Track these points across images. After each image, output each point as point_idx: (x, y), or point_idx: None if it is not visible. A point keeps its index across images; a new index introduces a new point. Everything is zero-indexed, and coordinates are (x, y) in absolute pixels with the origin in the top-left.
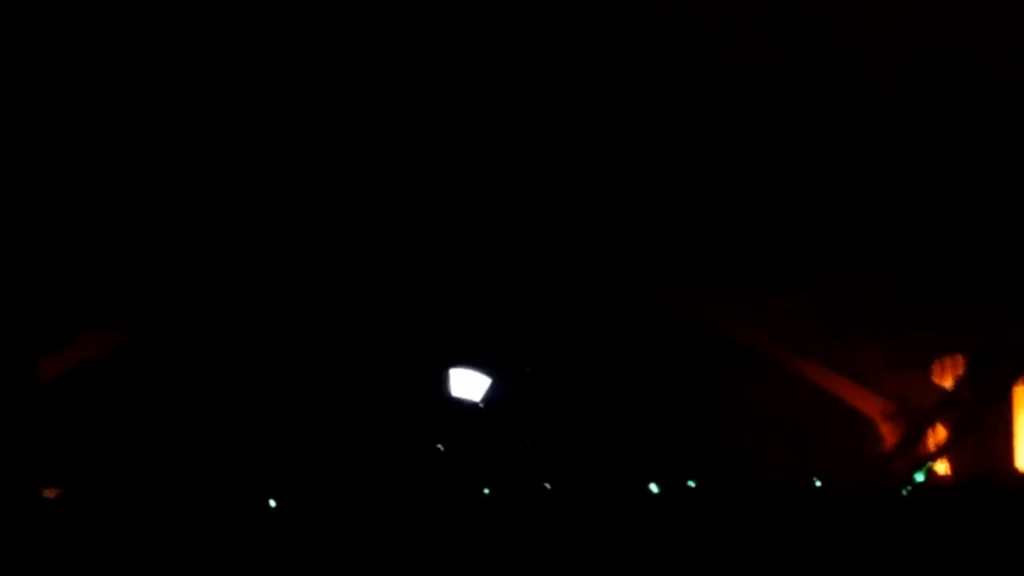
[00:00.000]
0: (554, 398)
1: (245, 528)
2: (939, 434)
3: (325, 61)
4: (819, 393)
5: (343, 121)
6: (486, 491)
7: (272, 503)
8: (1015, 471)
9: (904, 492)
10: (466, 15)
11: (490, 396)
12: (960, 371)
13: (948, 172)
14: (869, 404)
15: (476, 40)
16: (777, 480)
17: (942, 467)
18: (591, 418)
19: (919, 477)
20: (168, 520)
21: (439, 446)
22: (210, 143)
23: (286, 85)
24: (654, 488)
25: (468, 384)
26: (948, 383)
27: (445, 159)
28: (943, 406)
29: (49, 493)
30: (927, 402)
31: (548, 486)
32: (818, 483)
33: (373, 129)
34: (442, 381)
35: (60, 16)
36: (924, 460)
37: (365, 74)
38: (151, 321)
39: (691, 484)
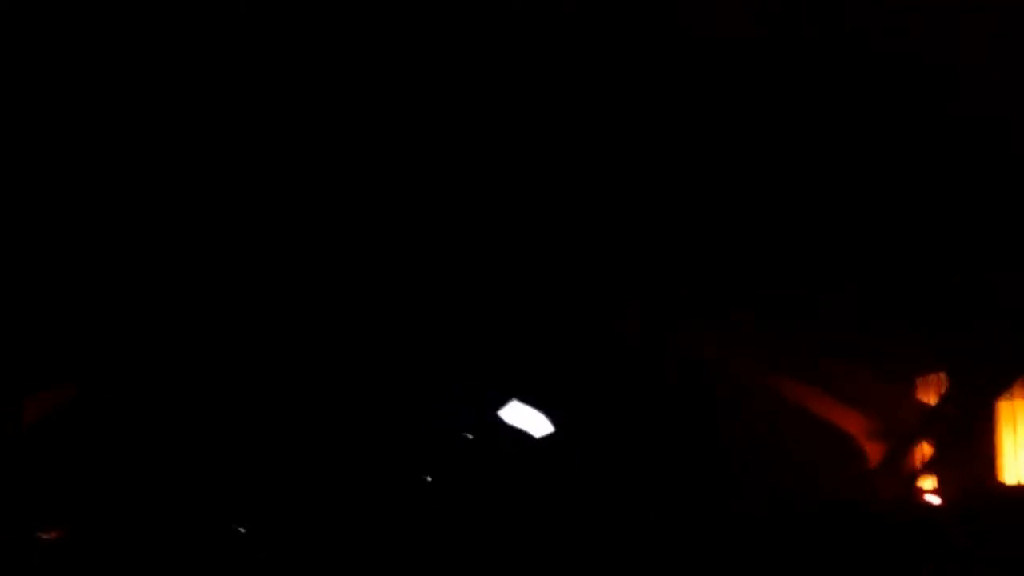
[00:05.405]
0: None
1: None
2: (924, 451)
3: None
4: (801, 413)
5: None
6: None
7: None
8: (1000, 486)
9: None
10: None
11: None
12: (944, 387)
13: (928, 190)
14: (852, 423)
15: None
16: (762, 502)
17: (928, 484)
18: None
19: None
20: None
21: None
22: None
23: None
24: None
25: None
26: (932, 400)
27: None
28: (927, 423)
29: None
30: (911, 419)
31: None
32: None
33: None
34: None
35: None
36: (910, 478)
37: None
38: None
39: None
